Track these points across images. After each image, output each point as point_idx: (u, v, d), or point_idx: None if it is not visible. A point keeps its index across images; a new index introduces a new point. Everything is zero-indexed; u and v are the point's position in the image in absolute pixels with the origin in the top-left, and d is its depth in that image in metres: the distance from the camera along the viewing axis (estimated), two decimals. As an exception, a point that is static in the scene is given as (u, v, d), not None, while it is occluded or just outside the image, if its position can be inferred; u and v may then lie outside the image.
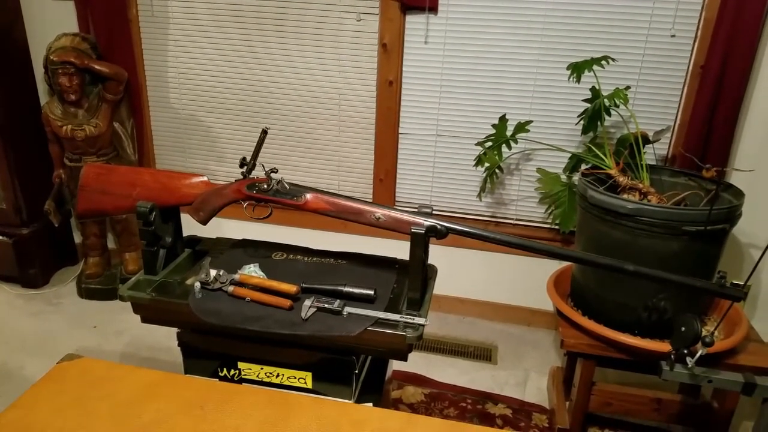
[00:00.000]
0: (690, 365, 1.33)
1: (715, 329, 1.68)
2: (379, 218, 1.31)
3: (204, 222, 1.43)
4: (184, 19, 2.53)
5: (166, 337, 2.37)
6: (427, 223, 1.27)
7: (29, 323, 2.52)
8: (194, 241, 1.59)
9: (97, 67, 2.38)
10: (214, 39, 2.53)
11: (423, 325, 1.24)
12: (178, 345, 1.39)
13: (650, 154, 2.21)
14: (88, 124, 2.44)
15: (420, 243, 1.26)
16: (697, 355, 1.32)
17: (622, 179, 1.81)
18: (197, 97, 2.65)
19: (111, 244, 2.85)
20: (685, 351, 1.33)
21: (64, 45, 2.37)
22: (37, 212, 2.69)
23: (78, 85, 2.39)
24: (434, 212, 1.31)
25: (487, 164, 2.21)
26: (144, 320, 1.37)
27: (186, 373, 1.41)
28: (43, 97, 2.70)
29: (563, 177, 2.27)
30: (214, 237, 1.63)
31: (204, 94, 2.64)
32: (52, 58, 2.34)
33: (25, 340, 2.39)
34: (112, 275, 2.76)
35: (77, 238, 2.95)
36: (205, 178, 1.43)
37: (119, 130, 2.56)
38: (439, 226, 1.27)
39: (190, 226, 1.52)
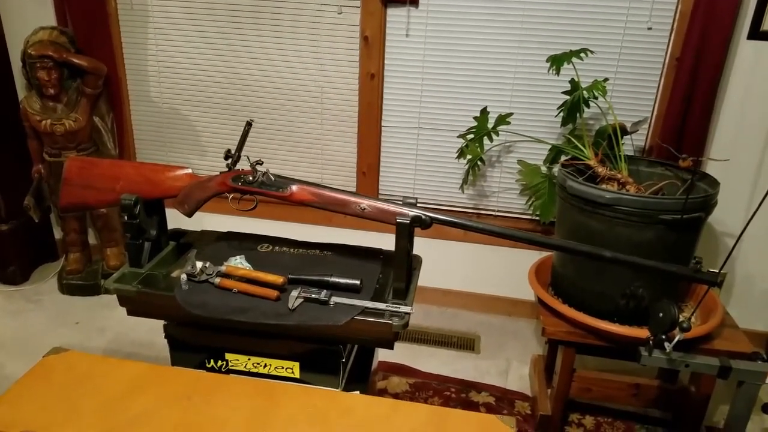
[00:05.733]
0: (668, 350, 1.37)
1: (692, 315, 1.73)
2: (365, 209, 1.32)
3: (189, 214, 1.43)
4: (164, 12, 2.51)
5: (149, 332, 2.36)
6: (412, 214, 1.29)
7: (9, 321, 2.49)
8: (179, 234, 1.59)
9: (75, 60, 2.36)
10: (195, 32, 2.51)
11: (408, 314, 1.26)
12: (165, 337, 1.39)
13: (628, 145, 2.25)
14: (67, 118, 2.41)
15: (405, 233, 1.28)
16: (675, 340, 1.35)
17: (601, 170, 1.84)
18: (178, 90, 2.63)
19: (92, 239, 2.82)
20: (663, 336, 1.36)
21: (41, 39, 2.33)
22: (17, 208, 2.65)
23: (56, 80, 2.36)
24: (418, 204, 1.32)
25: (469, 156, 2.23)
26: (130, 313, 1.37)
27: (173, 365, 1.41)
28: (21, 91, 2.66)
29: (543, 168, 2.30)
30: (199, 230, 1.63)
31: (185, 87, 2.62)
32: (30, 52, 2.31)
33: (6, 339, 2.36)
34: (94, 271, 2.74)
35: (57, 234, 2.92)
36: (190, 171, 1.43)
37: (99, 125, 2.53)
38: (423, 216, 1.29)
39: (174, 219, 1.52)
